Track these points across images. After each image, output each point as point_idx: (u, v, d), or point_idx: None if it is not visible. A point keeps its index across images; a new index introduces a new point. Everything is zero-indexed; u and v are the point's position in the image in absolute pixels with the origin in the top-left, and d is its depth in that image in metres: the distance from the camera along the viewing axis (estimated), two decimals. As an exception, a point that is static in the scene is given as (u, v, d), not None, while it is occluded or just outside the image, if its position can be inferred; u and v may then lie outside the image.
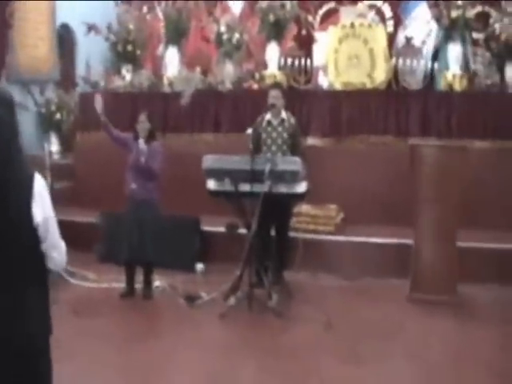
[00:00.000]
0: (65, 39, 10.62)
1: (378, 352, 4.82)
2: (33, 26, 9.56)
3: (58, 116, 9.71)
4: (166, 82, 8.94)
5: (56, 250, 2.52)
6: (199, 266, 7.01)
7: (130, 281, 6.17)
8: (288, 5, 8.68)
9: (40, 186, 2.42)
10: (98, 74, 9.52)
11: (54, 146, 9.72)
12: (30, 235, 2.41)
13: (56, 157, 9.55)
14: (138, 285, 6.21)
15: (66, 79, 10.37)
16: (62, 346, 5.01)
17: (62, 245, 2.58)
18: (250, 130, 5.99)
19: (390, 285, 6.26)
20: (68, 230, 7.45)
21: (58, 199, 7.47)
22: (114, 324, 5.56)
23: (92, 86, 9.38)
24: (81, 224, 7.79)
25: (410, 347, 4.92)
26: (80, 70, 10.33)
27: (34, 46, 9.60)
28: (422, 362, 4.65)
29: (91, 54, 9.86)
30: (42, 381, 2.57)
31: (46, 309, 2.57)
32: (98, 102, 6.09)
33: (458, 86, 7.70)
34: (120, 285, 6.22)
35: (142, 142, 5.97)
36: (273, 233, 6.36)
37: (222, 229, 6.88)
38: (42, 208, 2.41)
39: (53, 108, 9.68)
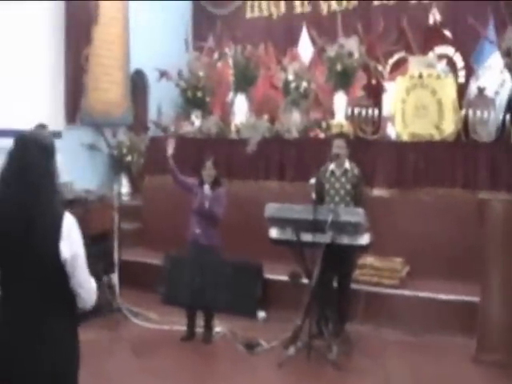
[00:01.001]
0: (138, 84, 10.97)
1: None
2: (106, 70, 9.92)
3: (128, 158, 9.99)
4: (233, 128, 9.09)
5: (83, 288, 2.60)
6: (261, 314, 6.98)
7: (191, 324, 6.21)
8: (356, 53, 8.73)
9: (69, 225, 2.54)
10: (169, 119, 9.78)
11: (124, 187, 9.98)
12: (57, 272, 2.52)
13: (125, 198, 9.79)
14: (199, 329, 6.24)
15: (138, 123, 10.69)
16: (118, 382, 5.14)
17: (91, 283, 2.67)
18: (313, 180, 5.97)
19: (454, 343, 6.04)
20: (134, 271, 7.70)
21: (125, 240, 7.73)
22: (172, 365, 5.60)
23: (163, 130, 9.64)
24: (147, 265, 7.97)
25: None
26: (152, 114, 10.63)
27: (107, 89, 9.95)
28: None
29: (163, 98, 10.15)
30: None
31: (73, 340, 2.66)
32: (171, 146, 6.26)
33: (531, 139, 7.50)
34: (181, 327, 6.26)
35: (207, 188, 6.06)
36: (335, 284, 6.27)
37: (284, 277, 6.86)
38: (70, 246, 2.51)
39: (124, 150, 9.97)
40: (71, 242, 2.52)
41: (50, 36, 8.71)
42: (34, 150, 2.57)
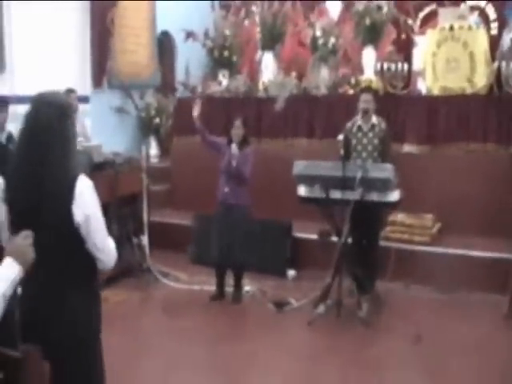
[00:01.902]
0: (165, 45, 10.88)
1: (467, 370, 4.64)
2: (133, 32, 9.83)
3: (157, 120, 9.95)
4: (261, 87, 8.98)
5: (99, 251, 2.58)
6: (290, 273, 6.98)
7: (220, 284, 6.24)
8: (385, 7, 8.50)
9: (82, 187, 2.49)
10: (196, 80, 9.71)
11: (153, 149, 9.98)
12: (71, 233, 2.49)
13: (154, 160, 9.81)
14: (229, 288, 6.26)
15: (166, 84, 10.63)
16: (148, 342, 5.23)
17: (109, 245, 2.64)
18: (341, 136, 5.87)
19: (486, 301, 5.95)
20: (163, 232, 7.75)
21: (154, 201, 7.76)
22: (201, 324, 5.65)
23: (190, 91, 9.57)
24: (176, 226, 8.01)
25: (501, 367, 4.68)
26: (179, 75, 10.56)
27: (134, 51, 9.87)
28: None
29: (190, 59, 10.05)
30: (89, 371, 2.67)
31: (92, 307, 2.66)
32: (197, 107, 6.20)
33: None
34: (211, 287, 6.31)
35: (234, 147, 6.01)
36: (364, 242, 6.21)
37: (313, 235, 6.85)
38: (83, 208, 2.47)
39: (152, 112, 9.93)
40: (84, 205, 2.48)
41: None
42: (46, 110, 2.52)
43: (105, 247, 2.60)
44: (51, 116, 2.52)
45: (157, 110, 9.97)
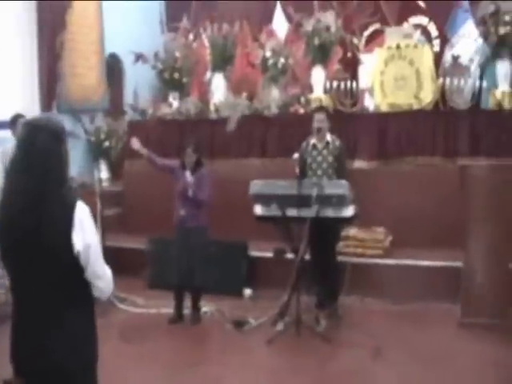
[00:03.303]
0: (113, 68, 10.83)
1: (427, 379, 4.72)
2: (82, 55, 9.75)
3: (107, 144, 9.88)
4: (212, 108, 9.03)
5: (99, 279, 2.53)
6: (247, 291, 6.99)
7: (179, 306, 6.20)
8: (333, 27, 8.68)
9: (82, 214, 2.45)
10: (146, 102, 9.69)
11: (104, 173, 9.88)
12: (70, 263, 2.44)
13: (105, 184, 9.71)
14: (187, 310, 6.23)
15: (115, 107, 10.56)
16: (108, 370, 5.08)
17: (107, 273, 2.59)
18: (296, 155, 5.97)
19: (440, 309, 6.11)
20: (117, 256, 7.63)
21: (107, 226, 7.65)
22: (161, 349, 5.57)
23: (140, 113, 9.55)
24: (130, 250, 7.91)
25: (461, 374, 4.77)
26: (128, 98, 10.52)
27: (83, 75, 9.78)
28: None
29: (139, 82, 10.05)
30: None
31: (92, 333, 2.62)
32: (135, 143, 6.25)
33: (507, 104, 7.53)
34: (168, 310, 6.26)
35: (188, 175, 6.03)
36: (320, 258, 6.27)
37: (269, 254, 6.86)
38: (83, 236, 2.43)
39: (102, 136, 9.86)
40: (84, 233, 2.43)
41: (22, 23, 8.53)
42: (44, 135, 2.46)
43: (103, 275, 2.56)
44: (48, 141, 2.47)
45: (107, 133, 9.91)
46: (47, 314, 2.46)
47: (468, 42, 9.18)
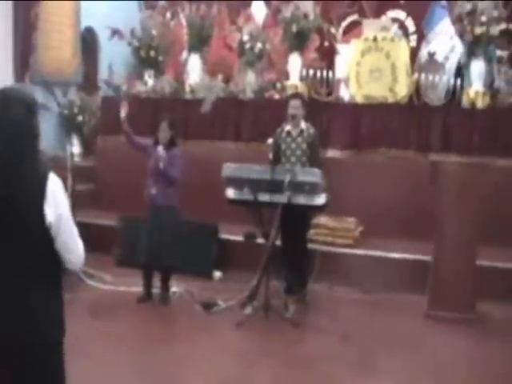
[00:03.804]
0: (88, 42, 10.68)
1: (392, 365, 4.85)
2: (57, 28, 9.60)
3: (80, 118, 9.78)
4: (187, 88, 9.00)
5: (69, 252, 2.51)
6: (217, 274, 7.04)
7: (148, 285, 6.21)
8: (311, 15, 8.70)
9: (54, 186, 2.43)
10: (121, 79, 9.60)
11: (76, 148, 9.79)
12: (42, 234, 2.42)
13: (77, 159, 9.61)
14: (156, 290, 6.25)
15: (89, 82, 10.44)
16: (76, 346, 5.06)
17: (79, 246, 2.56)
18: (270, 140, 5.98)
19: (407, 300, 6.25)
20: (87, 232, 7.47)
21: (78, 201, 7.61)
22: (129, 327, 5.60)
23: (114, 90, 9.46)
24: (100, 226, 7.88)
25: (424, 362, 4.91)
26: (103, 73, 10.41)
27: (57, 48, 9.64)
28: (436, 376, 4.66)
29: (114, 58, 9.95)
30: (54, 376, 2.61)
31: (59, 307, 2.59)
32: (123, 109, 6.14)
33: (480, 103, 7.67)
34: (138, 289, 6.25)
35: (161, 149, 6.00)
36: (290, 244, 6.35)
37: (240, 237, 6.92)
38: (55, 208, 2.42)
39: (75, 110, 9.75)
40: (56, 205, 2.41)
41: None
42: (17, 106, 2.44)
43: (75, 247, 2.53)
44: (21, 113, 2.44)
45: (80, 107, 9.80)
46: (13, 286, 2.42)
47: (444, 40, 9.28)
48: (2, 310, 2.42)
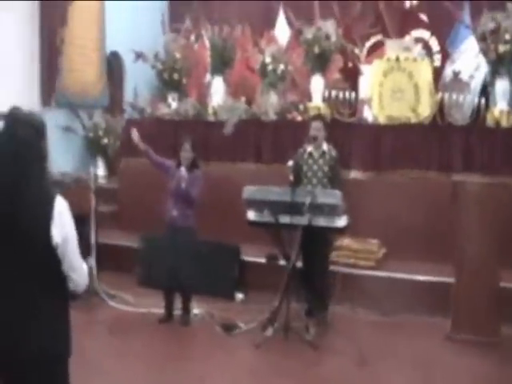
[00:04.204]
0: (114, 66, 10.86)
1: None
2: (82, 51, 9.79)
3: (104, 140, 9.90)
4: (210, 110, 9.06)
5: (75, 272, 2.57)
6: (238, 296, 7.02)
7: (169, 306, 6.22)
8: (333, 36, 8.73)
9: (61, 207, 2.49)
10: (145, 101, 9.72)
11: (100, 169, 9.91)
12: (49, 256, 2.48)
13: (102, 181, 9.73)
14: (177, 311, 6.25)
15: (114, 105, 10.60)
16: (94, 364, 5.14)
17: (83, 266, 2.64)
18: (291, 162, 5.98)
19: (429, 323, 6.14)
20: (110, 253, 7.68)
21: (102, 222, 7.68)
22: (149, 348, 5.61)
23: (139, 112, 9.58)
24: (123, 247, 7.95)
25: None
26: (128, 96, 10.55)
27: (80, 70, 9.80)
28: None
29: (139, 80, 10.08)
30: None
31: (65, 323, 2.65)
32: (135, 135, 6.26)
33: (504, 122, 7.58)
34: (159, 310, 6.26)
35: (183, 170, 6.04)
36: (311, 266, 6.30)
37: (261, 258, 6.89)
38: (61, 229, 2.47)
39: (100, 133, 9.88)
40: (62, 226, 2.47)
41: (24, 17, 8.55)
42: (25, 129, 2.51)
43: (80, 269, 2.60)
44: (29, 135, 2.51)
45: (105, 130, 9.92)
46: (21, 305, 2.48)
47: (469, 58, 9.22)
48: (10, 328, 2.48)
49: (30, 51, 8.71)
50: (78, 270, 2.59)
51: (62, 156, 8.59)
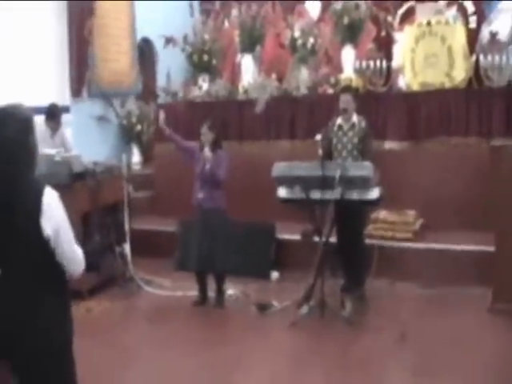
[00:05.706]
0: (145, 52, 10.85)
1: (452, 365, 4.58)
2: (114, 41, 9.80)
3: (138, 127, 9.89)
4: (241, 89, 8.94)
5: (68, 260, 2.58)
6: (274, 275, 6.93)
7: (203, 289, 6.19)
8: (363, 6, 8.48)
9: (49, 199, 2.49)
10: (178, 85, 9.66)
11: (136, 156, 9.92)
12: (41, 246, 2.49)
13: (137, 167, 9.75)
14: (212, 293, 6.21)
15: (148, 91, 10.58)
16: (133, 351, 5.17)
17: (78, 253, 2.64)
18: (318, 136, 5.84)
19: (470, 294, 5.93)
20: (147, 239, 7.68)
21: (137, 209, 7.69)
22: (184, 331, 5.60)
23: (172, 96, 9.52)
24: (160, 232, 7.94)
25: (488, 361, 4.64)
26: (161, 81, 10.51)
27: (115, 60, 9.84)
28: (500, 377, 4.37)
29: (172, 65, 10.01)
30: (61, 379, 2.66)
31: (64, 313, 2.66)
32: (162, 118, 6.22)
33: (545, 83, 7.23)
34: (195, 293, 6.25)
35: (207, 151, 5.97)
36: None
37: (296, 236, 6.80)
38: (52, 221, 2.48)
39: (134, 120, 9.87)
40: (52, 218, 2.49)
41: (52, 10, 8.56)
42: (12, 123, 2.52)
43: (74, 257, 2.61)
44: (17, 129, 2.52)
45: (138, 117, 9.91)
46: (20, 296, 2.50)
47: (506, 18, 8.82)
48: (6, 316, 2.49)
49: (59, 44, 8.71)
50: (72, 259, 2.60)
51: (97, 145, 8.65)
